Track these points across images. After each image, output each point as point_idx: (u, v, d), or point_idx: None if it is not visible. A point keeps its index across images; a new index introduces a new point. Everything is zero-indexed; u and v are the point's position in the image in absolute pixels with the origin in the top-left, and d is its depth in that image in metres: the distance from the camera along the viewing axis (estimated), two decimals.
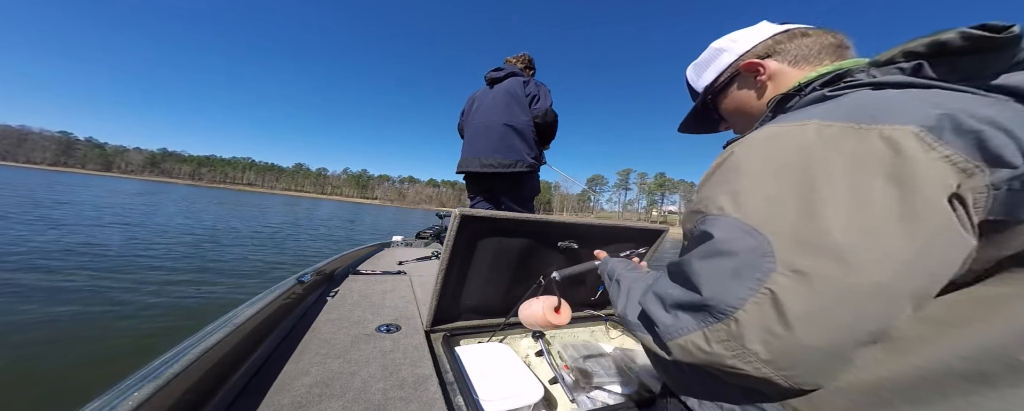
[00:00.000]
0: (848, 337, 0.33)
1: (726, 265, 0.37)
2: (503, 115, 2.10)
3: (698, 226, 0.42)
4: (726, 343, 0.36)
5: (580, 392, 1.04)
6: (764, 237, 0.35)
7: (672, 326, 0.42)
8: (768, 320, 0.33)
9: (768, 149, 0.40)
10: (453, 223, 0.99)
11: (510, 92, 2.15)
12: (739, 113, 0.64)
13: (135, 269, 5.01)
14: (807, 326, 0.32)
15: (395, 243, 3.17)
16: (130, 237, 7.50)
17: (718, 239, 0.38)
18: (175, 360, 0.63)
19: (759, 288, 0.34)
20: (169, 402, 0.59)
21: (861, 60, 0.49)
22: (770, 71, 0.56)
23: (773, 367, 0.34)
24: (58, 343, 2.68)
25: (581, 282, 1.38)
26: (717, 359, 0.37)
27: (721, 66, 0.63)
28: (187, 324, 3.28)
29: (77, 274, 4.43)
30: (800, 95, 0.48)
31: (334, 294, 1.43)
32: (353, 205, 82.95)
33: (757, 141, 0.42)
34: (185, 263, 5.80)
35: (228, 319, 0.88)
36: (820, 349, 0.33)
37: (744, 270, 0.35)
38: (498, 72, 2.24)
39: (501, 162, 2.08)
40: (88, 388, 2.18)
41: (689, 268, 0.41)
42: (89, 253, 5.63)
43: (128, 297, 3.83)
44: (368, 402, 0.75)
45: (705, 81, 0.67)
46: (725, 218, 0.39)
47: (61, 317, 3.13)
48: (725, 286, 0.36)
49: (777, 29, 0.59)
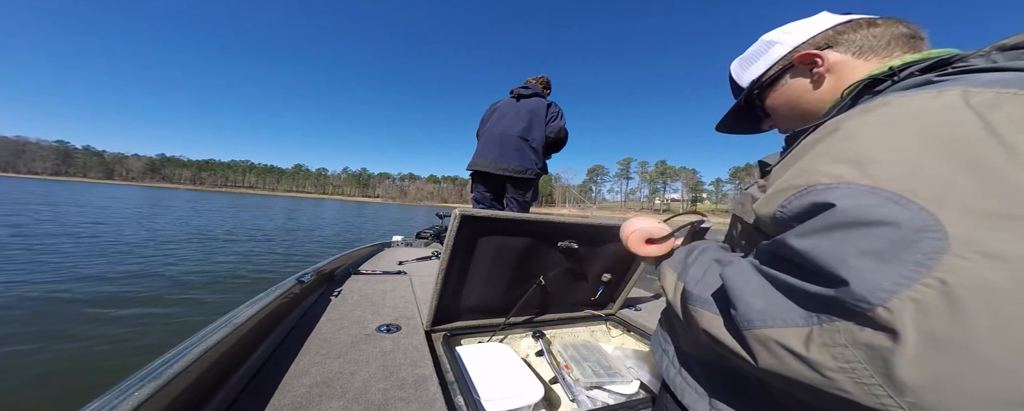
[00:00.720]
0: None
1: (862, 242, 0.26)
2: (522, 129, 2.43)
3: (797, 201, 0.33)
4: (837, 349, 0.27)
5: (580, 392, 1.04)
6: (920, 207, 0.25)
7: (761, 311, 0.32)
8: (933, 324, 0.23)
9: (893, 113, 0.32)
10: (453, 223, 0.99)
11: (533, 111, 2.50)
12: (789, 106, 0.59)
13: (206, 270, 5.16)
14: (1003, 337, 0.22)
15: (395, 243, 3.17)
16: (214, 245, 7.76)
17: (843, 208, 0.28)
18: (175, 360, 0.63)
19: (922, 276, 0.24)
20: (169, 402, 0.59)
21: (948, 51, 0.42)
22: (829, 62, 0.51)
23: (914, 396, 0.24)
24: (62, 343, 2.69)
25: (582, 280, 1.38)
26: (810, 368, 0.28)
27: (772, 59, 0.59)
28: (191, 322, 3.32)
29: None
30: (893, 80, 0.41)
31: (335, 294, 1.43)
32: (356, 204, 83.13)
33: (870, 108, 0.34)
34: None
35: (228, 319, 0.88)
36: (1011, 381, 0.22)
37: (893, 250, 0.25)
38: (525, 90, 2.60)
39: (515, 168, 2.39)
40: (88, 388, 2.18)
41: (796, 248, 0.31)
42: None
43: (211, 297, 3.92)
44: (368, 402, 0.75)
45: (752, 75, 0.62)
46: (849, 185, 0.29)
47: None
48: (861, 270, 0.26)
49: (839, 19, 0.54)
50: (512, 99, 2.61)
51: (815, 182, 0.32)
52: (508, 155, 2.41)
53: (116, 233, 8.12)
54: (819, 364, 0.28)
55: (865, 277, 0.26)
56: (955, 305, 0.23)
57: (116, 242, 6.96)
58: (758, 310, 0.32)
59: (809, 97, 0.55)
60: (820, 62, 0.52)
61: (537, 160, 2.47)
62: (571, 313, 1.46)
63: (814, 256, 0.29)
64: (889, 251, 0.25)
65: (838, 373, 0.27)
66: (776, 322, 0.31)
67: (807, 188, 0.32)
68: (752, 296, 0.33)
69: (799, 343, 0.29)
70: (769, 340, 0.31)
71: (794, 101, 0.57)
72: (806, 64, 0.53)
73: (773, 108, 0.61)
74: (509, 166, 2.38)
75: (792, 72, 0.56)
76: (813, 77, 0.53)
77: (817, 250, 0.29)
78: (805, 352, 0.28)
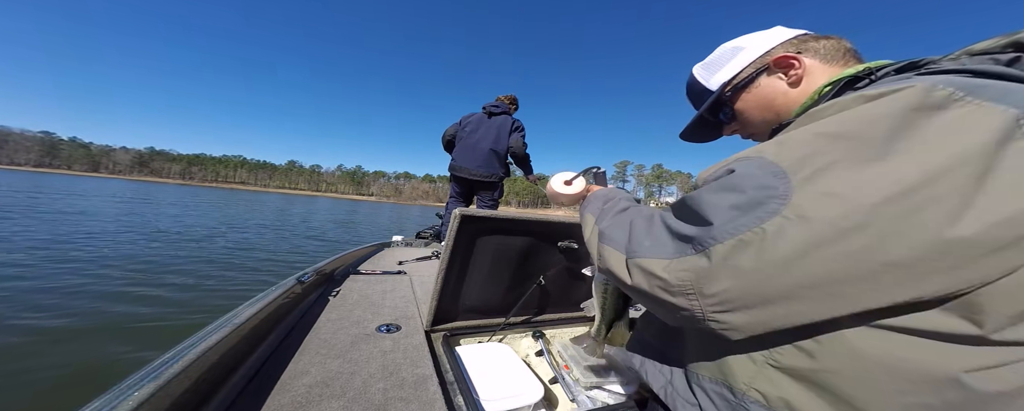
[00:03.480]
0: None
1: (735, 199, 0.36)
2: (492, 142, 3.06)
3: (720, 168, 0.41)
4: (680, 273, 0.38)
5: (580, 392, 1.04)
6: (789, 181, 0.34)
7: (647, 247, 0.43)
8: (741, 258, 0.35)
9: (846, 104, 0.38)
10: (453, 223, 0.99)
11: (500, 127, 3.13)
12: (762, 107, 0.61)
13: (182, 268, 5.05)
14: (785, 274, 0.33)
15: (395, 243, 3.17)
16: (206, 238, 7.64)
17: (737, 174, 0.38)
18: (175, 360, 0.63)
19: (754, 226, 0.34)
20: (169, 402, 0.58)
21: (914, 59, 0.46)
22: (806, 66, 0.55)
23: (715, 302, 0.37)
24: (61, 342, 2.69)
25: (580, 279, 1.38)
26: (661, 286, 0.40)
27: (743, 62, 0.61)
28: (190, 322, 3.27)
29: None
30: (871, 79, 0.45)
31: (334, 294, 1.43)
32: (349, 202, 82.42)
33: (840, 101, 0.39)
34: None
35: (228, 319, 0.88)
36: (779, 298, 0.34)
37: (750, 206, 0.35)
38: (496, 108, 3.19)
39: (483, 174, 3.06)
40: (88, 388, 2.18)
41: (694, 200, 0.41)
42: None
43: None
44: (368, 402, 0.75)
45: (723, 78, 0.64)
46: (759, 159, 0.37)
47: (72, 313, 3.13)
48: (723, 217, 0.36)
49: (795, 32, 0.60)
50: (484, 115, 3.17)
51: (743, 156, 0.40)
52: (478, 163, 3.04)
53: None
54: (666, 283, 0.39)
55: (723, 222, 0.36)
56: (763, 248, 0.34)
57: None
58: (645, 246, 0.44)
59: (783, 98, 0.58)
60: (797, 64, 0.56)
61: (501, 167, 3.13)
62: (571, 313, 1.46)
63: (700, 203, 0.40)
64: (747, 207, 0.35)
65: (675, 288, 0.39)
66: (651, 254, 0.42)
67: (738, 159, 0.40)
68: (644, 236, 0.45)
69: (660, 269, 0.40)
70: (643, 267, 0.42)
71: (768, 101, 0.60)
72: (782, 67, 0.57)
73: (743, 110, 0.64)
74: (478, 172, 3.05)
75: (767, 73, 0.60)
76: (790, 78, 0.57)
77: (704, 199, 0.39)
78: (661, 274, 0.40)
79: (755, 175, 0.36)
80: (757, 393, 0.42)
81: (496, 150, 3.06)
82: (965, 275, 0.30)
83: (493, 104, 3.23)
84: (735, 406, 0.44)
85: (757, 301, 0.35)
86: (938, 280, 0.31)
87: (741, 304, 0.36)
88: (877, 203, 0.31)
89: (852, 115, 0.36)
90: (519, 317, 1.33)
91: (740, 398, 0.43)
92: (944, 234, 0.29)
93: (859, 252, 0.31)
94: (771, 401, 0.41)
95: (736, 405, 0.44)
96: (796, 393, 0.39)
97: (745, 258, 0.35)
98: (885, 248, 0.31)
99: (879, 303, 0.33)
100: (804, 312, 0.35)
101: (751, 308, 0.36)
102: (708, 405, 0.48)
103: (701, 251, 0.38)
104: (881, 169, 0.32)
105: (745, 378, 0.43)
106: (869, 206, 0.31)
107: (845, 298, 0.33)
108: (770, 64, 0.58)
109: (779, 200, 0.34)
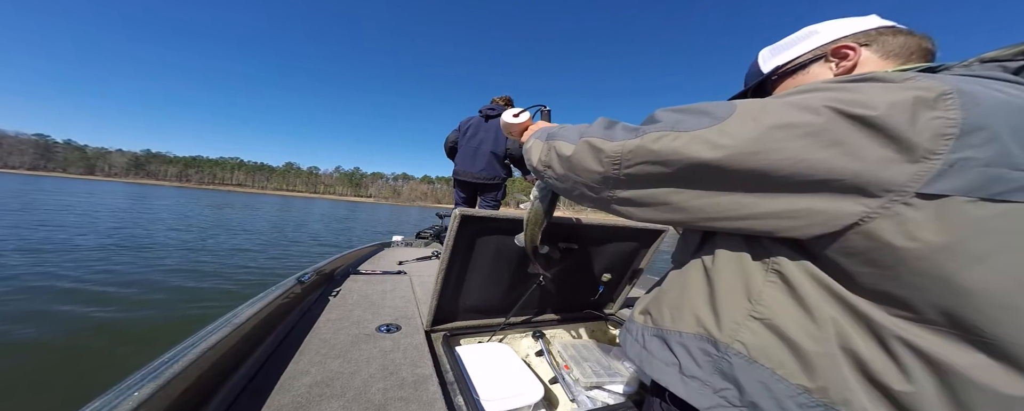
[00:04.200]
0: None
1: (686, 113, 0.45)
2: (491, 145, 3.15)
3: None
4: (620, 155, 0.48)
5: (580, 392, 1.04)
6: (729, 112, 0.42)
7: (600, 134, 0.51)
8: (654, 146, 0.45)
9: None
10: (453, 223, 0.99)
11: (498, 129, 3.16)
12: None
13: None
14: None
15: (395, 243, 3.17)
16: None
17: (708, 102, 0.47)
18: (175, 360, 0.63)
19: (675, 131, 0.43)
20: (169, 402, 0.59)
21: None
22: (860, 59, 0.54)
23: (628, 162, 0.47)
24: (61, 341, 2.69)
25: (582, 280, 1.38)
26: (599, 160, 0.50)
27: (807, 47, 0.60)
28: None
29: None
30: None
31: (334, 294, 1.43)
32: (348, 204, 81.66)
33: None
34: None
35: (228, 319, 0.88)
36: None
37: (693, 120, 0.44)
38: (492, 110, 3.23)
39: (485, 177, 3.17)
40: (88, 388, 2.18)
41: (660, 111, 0.49)
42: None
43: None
44: (368, 402, 0.75)
45: (779, 61, 0.62)
46: (731, 102, 0.45)
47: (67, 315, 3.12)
48: (667, 120, 0.46)
49: (885, 23, 0.57)
50: (481, 118, 3.26)
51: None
52: (480, 166, 3.15)
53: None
54: (604, 153, 0.49)
55: (666, 121, 0.45)
56: (677, 138, 0.43)
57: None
58: (600, 132, 0.51)
59: None
60: (851, 55, 0.54)
61: (502, 169, 3.23)
62: (571, 313, 1.46)
63: (661, 112, 0.48)
64: (692, 120, 0.43)
65: (606, 158, 0.48)
66: (603, 137, 0.50)
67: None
68: (602, 129, 0.52)
69: (605, 146, 0.49)
70: (592, 143, 0.51)
71: None
72: (838, 56, 0.56)
73: None
74: (481, 175, 3.16)
75: (821, 62, 0.58)
76: (838, 69, 0.55)
77: (666, 111, 0.48)
78: (602, 147, 0.49)
79: (719, 105, 0.44)
80: (740, 344, 0.44)
81: (496, 152, 3.17)
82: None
83: (489, 107, 3.32)
84: (718, 360, 0.46)
85: (646, 181, 0.47)
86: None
87: (636, 182, 0.48)
88: (773, 126, 0.38)
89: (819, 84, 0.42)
90: (519, 317, 1.33)
91: (723, 351, 0.46)
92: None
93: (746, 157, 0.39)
94: (752, 350, 0.44)
95: (719, 359, 0.46)
96: (774, 343, 0.43)
97: (660, 144, 0.44)
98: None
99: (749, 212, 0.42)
100: (679, 202, 0.46)
101: (638, 187, 0.48)
102: (688, 362, 0.49)
103: (640, 135, 0.46)
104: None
105: (729, 331, 0.46)
106: (766, 127, 0.38)
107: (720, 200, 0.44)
108: (828, 53, 0.57)
109: (717, 119, 0.41)
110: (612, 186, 0.50)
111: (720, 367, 0.45)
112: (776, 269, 0.44)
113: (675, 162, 0.43)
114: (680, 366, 0.50)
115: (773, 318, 0.43)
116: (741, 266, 0.47)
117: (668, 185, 0.46)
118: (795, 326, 0.41)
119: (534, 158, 0.64)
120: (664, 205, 0.47)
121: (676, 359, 0.50)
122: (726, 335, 0.46)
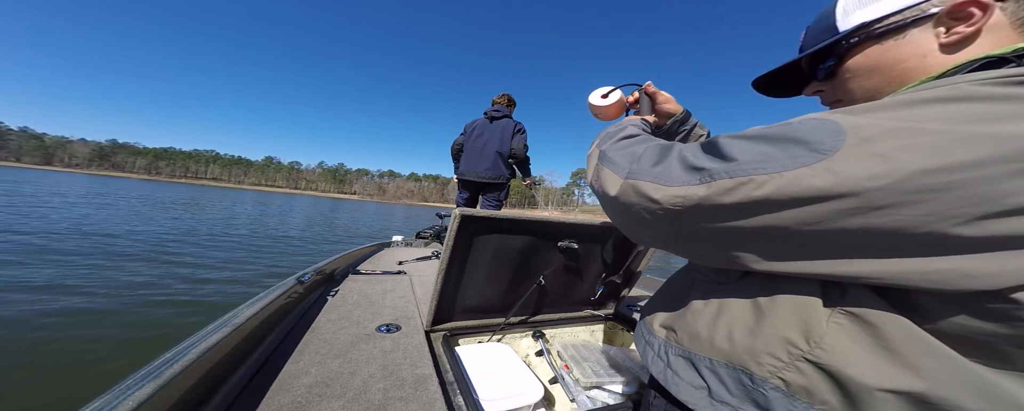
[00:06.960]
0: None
1: (771, 144, 0.36)
2: (497, 145, 3.29)
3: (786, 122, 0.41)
4: (674, 198, 0.41)
5: (580, 392, 1.04)
6: (843, 139, 0.32)
7: (654, 173, 0.43)
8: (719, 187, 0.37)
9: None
10: (453, 223, 0.99)
11: (503, 130, 3.35)
12: (886, 67, 0.45)
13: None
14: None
15: (395, 243, 3.17)
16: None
17: (792, 124, 0.36)
18: (175, 360, 0.63)
19: (772, 172, 0.34)
20: (169, 402, 0.59)
21: None
22: (991, 21, 0.39)
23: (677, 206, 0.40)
24: (60, 341, 2.67)
25: (582, 280, 1.38)
26: (646, 204, 0.43)
27: (910, 1, 0.43)
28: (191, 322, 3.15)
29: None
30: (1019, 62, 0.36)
31: (334, 294, 1.43)
32: (330, 201, 77.17)
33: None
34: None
35: (228, 319, 0.88)
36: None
37: (783, 151, 0.34)
38: (496, 112, 3.38)
39: (489, 176, 3.30)
40: (88, 388, 2.18)
41: (729, 138, 0.40)
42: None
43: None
44: (368, 402, 0.75)
45: (866, 15, 0.45)
46: (824, 118, 0.35)
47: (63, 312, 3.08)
48: (747, 157, 0.36)
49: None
50: (486, 120, 3.39)
51: (813, 115, 0.38)
52: (485, 166, 3.28)
53: None
54: (658, 204, 0.41)
55: (748, 161, 0.36)
56: (757, 201, 0.35)
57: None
58: (650, 171, 0.44)
59: (917, 62, 0.43)
60: (977, 16, 0.39)
61: (506, 168, 3.35)
62: (571, 313, 1.46)
63: (733, 141, 0.39)
64: (780, 154, 0.35)
65: (661, 211, 0.41)
66: (652, 179, 0.43)
67: (801, 118, 0.39)
68: (652, 163, 0.45)
69: (656, 192, 0.41)
70: (639, 188, 0.44)
71: (894, 62, 0.44)
72: (957, 17, 0.40)
73: (855, 69, 0.48)
74: (486, 174, 3.29)
75: (931, 22, 0.42)
76: (950, 36, 0.41)
77: (741, 139, 0.39)
78: (655, 196, 0.41)
79: (813, 128, 0.34)
80: (780, 381, 0.40)
81: (501, 152, 3.29)
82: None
83: (494, 109, 3.43)
84: (752, 390, 0.42)
85: (722, 238, 0.39)
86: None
87: (707, 240, 0.41)
88: (914, 173, 0.29)
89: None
90: (519, 317, 1.33)
91: (759, 384, 0.41)
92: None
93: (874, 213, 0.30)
94: (793, 388, 0.39)
95: (753, 390, 0.41)
96: (823, 386, 0.37)
97: (738, 195, 0.35)
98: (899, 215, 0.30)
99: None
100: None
101: (710, 244, 0.41)
102: (719, 388, 0.45)
103: (706, 182, 0.37)
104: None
105: (771, 368, 0.40)
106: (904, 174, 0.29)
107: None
108: (943, 12, 0.41)
109: (819, 154, 0.32)
110: (673, 241, 0.44)
111: (754, 397, 0.42)
112: (850, 312, 0.36)
113: (762, 222, 0.35)
114: (709, 390, 0.46)
115: (834, 364, 0.36)
116: (800, 301, 0.40)
117: (755, 241, 0.37)
118: (864, 372, 0.35)
119: (589, 174, 0.57)
120: (747, 257, 0.40)
121: (705, 383, 0.46)
122: (766, 371, 0.41)
